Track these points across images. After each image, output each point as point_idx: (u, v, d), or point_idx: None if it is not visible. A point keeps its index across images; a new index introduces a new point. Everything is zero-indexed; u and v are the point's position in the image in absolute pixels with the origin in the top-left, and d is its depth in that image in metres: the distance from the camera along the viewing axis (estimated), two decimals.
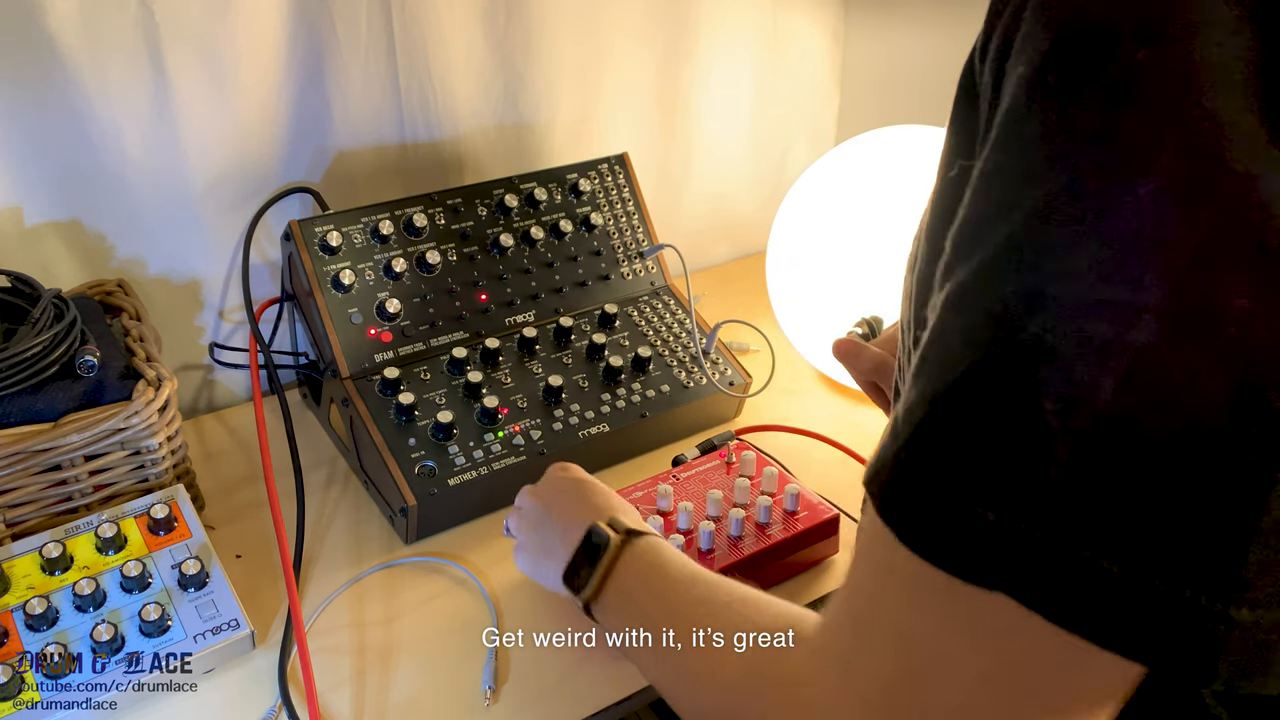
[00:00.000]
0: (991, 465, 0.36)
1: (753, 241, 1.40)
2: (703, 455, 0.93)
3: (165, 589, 0.78)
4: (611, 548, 0.64)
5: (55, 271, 0.97)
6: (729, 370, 1.03)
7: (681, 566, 0.61)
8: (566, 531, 0.70)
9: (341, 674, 0.77)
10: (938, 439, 0.38)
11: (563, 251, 1.04)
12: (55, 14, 0.86)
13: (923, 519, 0.38)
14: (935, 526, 0.37)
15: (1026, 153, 0.37)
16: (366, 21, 1.01)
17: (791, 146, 1.41)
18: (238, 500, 0.94)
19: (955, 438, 0.37)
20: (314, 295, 0.92)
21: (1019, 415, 0.35)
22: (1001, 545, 0.35)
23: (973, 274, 0.39)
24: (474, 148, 1.14)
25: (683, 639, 0.55)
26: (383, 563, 0.87)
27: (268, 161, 1.03)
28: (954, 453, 0.37)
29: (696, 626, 0.54)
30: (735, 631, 0.51)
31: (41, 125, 0.90)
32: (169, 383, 0.84)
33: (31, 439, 0.78)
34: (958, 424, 0.37)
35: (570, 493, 0.74)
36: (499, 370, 0.96)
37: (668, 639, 0.56)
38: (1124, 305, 0.34)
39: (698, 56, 1.26)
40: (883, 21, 1.35)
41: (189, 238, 1.02)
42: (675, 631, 0.56)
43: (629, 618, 0.62)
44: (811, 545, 0.85)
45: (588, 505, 0.72)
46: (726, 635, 0.52)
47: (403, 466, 0.87)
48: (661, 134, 1.29)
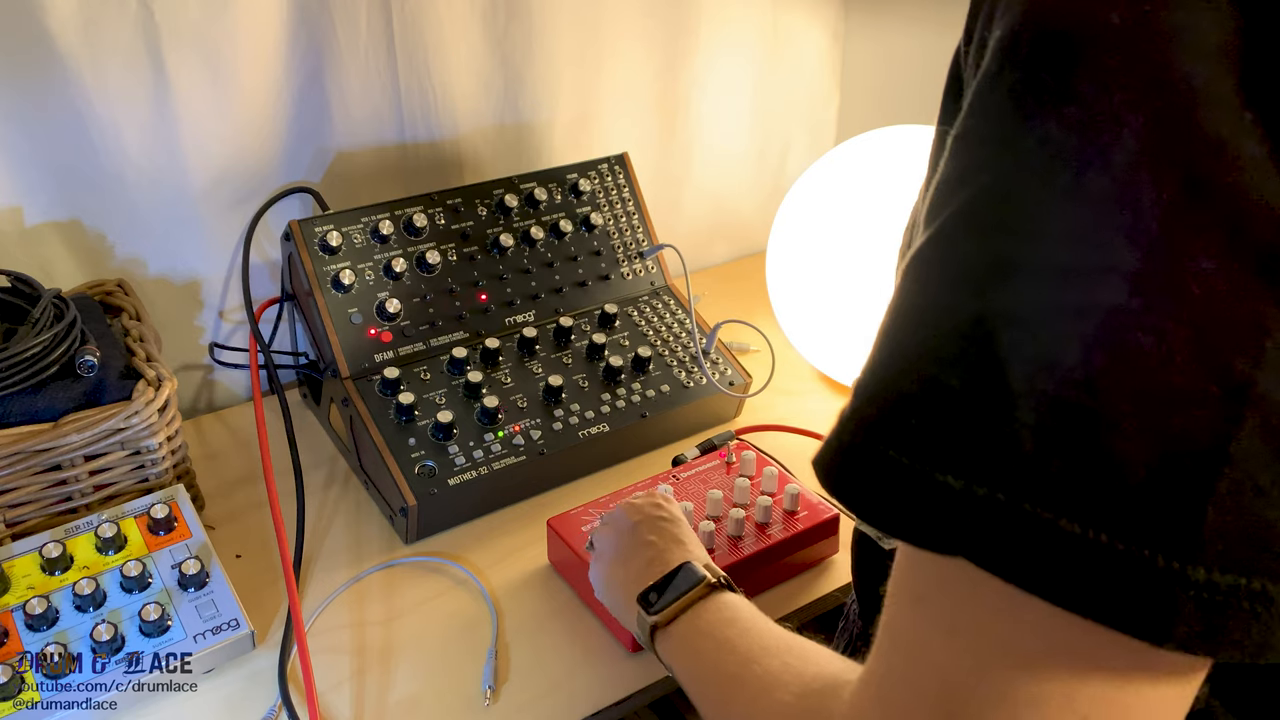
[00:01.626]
0: (953, 431, 0.35)
1: (753, 241, 1.40)
2: (703, 455, 0.93)
3: (165, 589, 0.78)
4: (701, 587, 0.64)
5: (55, 271, 0.97)
6: (729, 370, 1.03)
7: (759, 621, 0.61)
8: (654, 557, 0.69)
9: (341, 674, 0.77)
10: (894, 407, 0.37)
11: (563, 251, 1.04)
12: (55, 14, 0.86)
13: (879, 490, 0.37)
14: (893, 496, 0.37)
15: (997, 116, 0.37)
16: (366, 21, 1.01)
17: (791, 146, 1.41)
18: (238, 500, 0.94)
19: (913, 405, 0.36)
20: (314, 295, 0.92)
21: (982, 380, 0.35)
22: (963, 510, 0.35)
23: (933, 238, 0.38)
24: (474, 148, 1.14)
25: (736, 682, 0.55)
26: (383, 563, 0.87)
27: (268, 161, 1.03)
28: (912, 420, 0.36)
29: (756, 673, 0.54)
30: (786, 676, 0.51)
31: (41, 125, 0.90)
32: (169, 383, 0.84)
33: (31, 439, 0.78)
34: (916, 392, 0.36)
35: (666, 523, 0.73)
36: (499, 370, 0.96)
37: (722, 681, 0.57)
38: (1093, 268, 0.33)
39: (698, 56, 1.26)
40: (883, 21, 1.34)
41: (189, 238, 1.02)
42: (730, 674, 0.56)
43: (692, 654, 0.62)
44: (811, 545, 0.85)
45: (680, 545, 0.71)
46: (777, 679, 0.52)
47: (403, 466, 0.87)
48: (661, 134, 1.29)
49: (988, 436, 0.34)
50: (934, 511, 0.35)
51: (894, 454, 0.36)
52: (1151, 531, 0.32)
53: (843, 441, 0.38)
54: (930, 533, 0.36)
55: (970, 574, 0.35)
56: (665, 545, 0.70)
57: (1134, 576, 0.32)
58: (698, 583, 0.64)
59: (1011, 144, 0.36)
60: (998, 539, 0.34)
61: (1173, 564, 0.32)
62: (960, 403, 0.35)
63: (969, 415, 0.35)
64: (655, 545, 0.70)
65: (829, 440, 0.39)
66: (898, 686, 0.39)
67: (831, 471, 0.39)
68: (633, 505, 0.76)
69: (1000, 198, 0.36)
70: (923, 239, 0.39)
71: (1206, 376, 0.32)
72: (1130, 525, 0.32)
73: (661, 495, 0.77)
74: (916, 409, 0.36)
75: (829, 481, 0.39)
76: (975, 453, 0.35)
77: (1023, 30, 0.36)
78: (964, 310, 0.36)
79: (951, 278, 0.37)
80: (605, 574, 0.73)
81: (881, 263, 1.00)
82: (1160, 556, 0.32)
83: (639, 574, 0.68)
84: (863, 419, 0.38)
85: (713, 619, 0.62)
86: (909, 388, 0.37)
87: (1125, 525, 0.32)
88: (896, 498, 0.36)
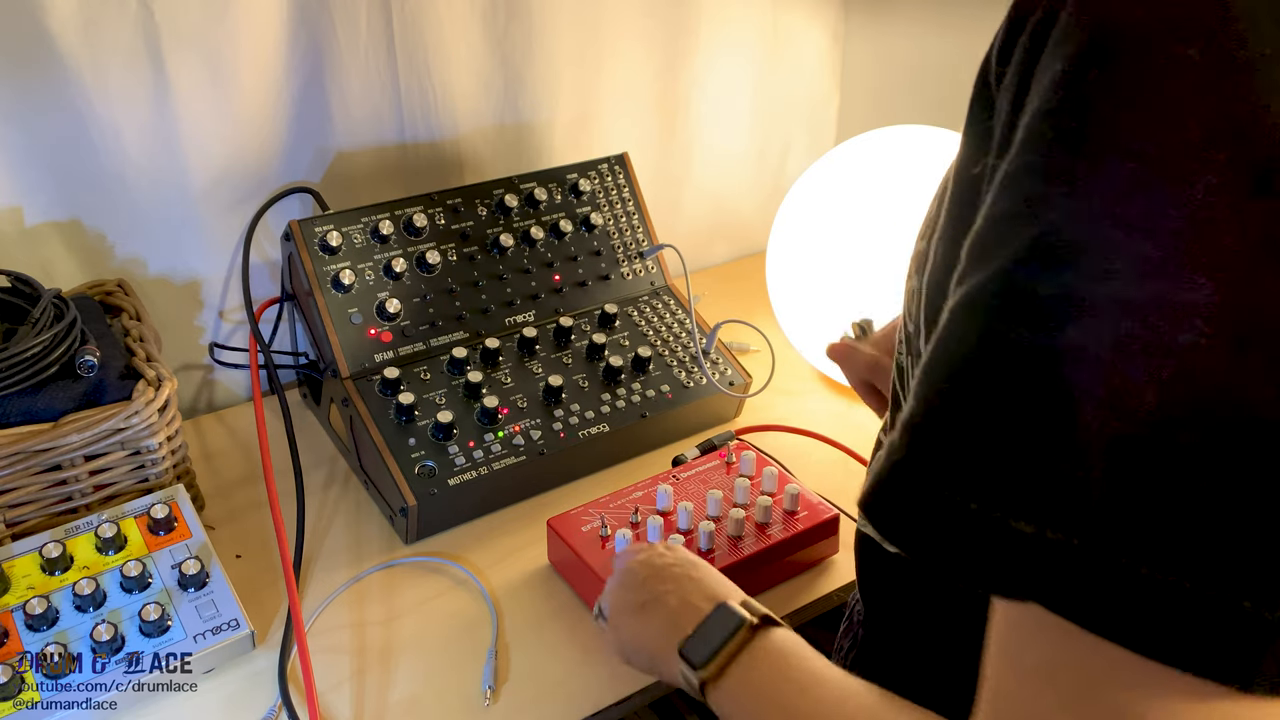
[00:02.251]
0: (1024, 474, 0.34)
1: (753, 241, 1.40)
2: (703, 455, 0.93)
3: (165, 589, 0.78)
4: (743, 631, 0.59)
5: (55, 271, 0.97)
6: (729, 370, 1.03)
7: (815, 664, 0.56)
8: (678, 608, 0.64)
9: (341, 674, 0.77)
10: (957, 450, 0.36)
11: (563, 251, 1.04)
12: (55, 14, 0.86)
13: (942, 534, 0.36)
14: (960, 541, 0.35)
15: (1061, 151, 0.36)
16: (366, 21, 1.01)
17: (791, 146, 1.41)
18: (238, 500, 0.94)
19: (979, 448, 0.35)
20: (314, 295, 0.92)
21: (1052, 421, 0.34)
22: (1038, 556, 0.34)
23: (994, 276, 0.37)
24: (474, 148, 1.14)
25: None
26: (383, 563, 0.87)
27: (268, 161, 1.03)
28: (978, 463, 0.35)
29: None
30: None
31: (41, 125, 0.90)
32: (169, 383, 0.84)
33: (31, 439, 0.78)
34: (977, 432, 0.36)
35: (679, 571, 0.68)
36: (499, 370, 0.96)
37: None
38: (1170, 306, 0.33)
39: (698, 56, 1.26)
40: (883, 21, 1.34)
41: (189, 238, 1.02)
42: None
43: (751, 708, 0.57)
44: (811, 545, 0.85)
45: (701, 585, 0.65)
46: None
47: (403, 466, 0.87)
48: (661, 134, 1.29)
49: (1059, 480, 0.34)
50: (1007, 557, 0.34)
51: (960, 498, 0.35)
52: (1236, 577, 0.32)
53: (898, 482, 0.37)
54: (1003, 579, 0.35)
55: (1054, 621, 0.34)
56: (684, 588, 0.65)
57: (1220, 622, 0.32)
58: (738, 626, 0.59)
59: (1078, 181, 0.35)
60: (1073, 585, 0.33)
61: (1263, 612, 0.32)
62: (1030, 445, 0.34)
63: (1039, 458, 0.34)
64: (674, 592, 0.65)
65: (880, 480, 0.38)
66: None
67: (885, 513, 0.38)
68: (634, 561, 0.70)
69: (1068, 236, 0.35)
70: (981, 276, 0.38)
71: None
72: (1213, 571, 0.32)
73: (661, 544, 0.73)
74: (983, 452, 0.35)
75: (881, 522, 0.38)
76: (1047, 497, 0.34)
77: (1086, 64, 0.35)
78: (1031, 350, 0.35)
79: (1017, 316, 0.36)
80: (628, 635, 0.67)
81: (882, 263, 1.00)
82: (1248, 602, 0.32)
83: (667, 626, 0.63)
84: (921, 460, 0.37)
85: (766, 673, 0.57)
86: (973, 429, 0.36)
87: (1207, 571, 0.32)
88: (964, 543, 0.35)
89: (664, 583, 0.66)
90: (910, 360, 0.55)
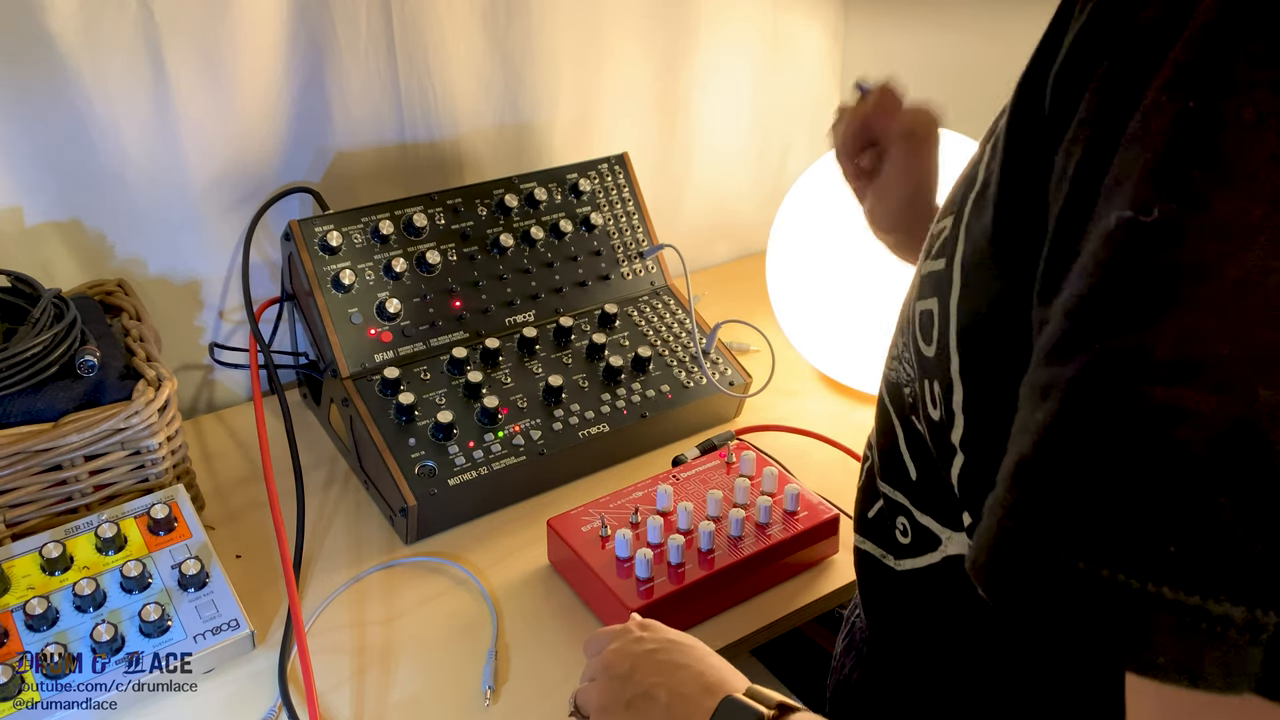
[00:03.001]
0: (1237, 559, 0.31)
1: (753, 241, 1.40)
2: (703, 455, 0.93)
3: (165, 589, 0.78)
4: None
5: (55, 271, 0.97)
6: (729, 370, 1.03)
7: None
8: (670, 703, 0.57)
9: (341, 674, 0.77)
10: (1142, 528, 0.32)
11: (563, 251, 1.04)
12: (55, 14, 0.86)
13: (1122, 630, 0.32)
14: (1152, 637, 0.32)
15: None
16: (366, 21, 1.01)
17: (791, 146, 1.41)
18: (238, 500, 0.94)
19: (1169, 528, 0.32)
20: (314, 295, 0.92)
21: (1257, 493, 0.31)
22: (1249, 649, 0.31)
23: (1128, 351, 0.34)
24: (474, 148, 1.14)
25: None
26: (383, 563, 0.87)
27: (268, 161, 1.03)
28: (1171, 547, 0.32)
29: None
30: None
31: (42, 125, 0.90)
32: (169, 383, 0.84)
33: (31, 439, 0.78)
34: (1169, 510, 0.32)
35: (661, 657, 0.61)
36: (499, 370, 0.96)
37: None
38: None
39: (698, 56, 1.26)
40: (883, 21, 1.34)
41: (189, 238, 1.02)
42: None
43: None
44: (811, 545, 0.85)
45: (688, 672, 0.59)
46: None
47: (403, 466, 0.87)
48: (661, 134, 1.29)
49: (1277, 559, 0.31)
50: (1215, 655, 0.31)
51: (1153, 588, 0.32)
52: None
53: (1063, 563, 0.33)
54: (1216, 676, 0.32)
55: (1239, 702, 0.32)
56: (674, 680, 0.58)
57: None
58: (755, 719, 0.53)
59: None
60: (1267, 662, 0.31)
61: None
62: (1234, 524, 0.31)
63: (1251, 538, 0.31)
64: (663, 685, 0.58)
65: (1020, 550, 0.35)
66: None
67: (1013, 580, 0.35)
68: (610, 653, 0.63)
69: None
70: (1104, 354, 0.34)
71: None
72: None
73: (634, 625, 0.65)
74: (1175, 532, 0.32)
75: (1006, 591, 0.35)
76: (1266, 581, 0.31)
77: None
78: (1221, 412, 0.32)
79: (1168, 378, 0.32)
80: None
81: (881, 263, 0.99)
82: None
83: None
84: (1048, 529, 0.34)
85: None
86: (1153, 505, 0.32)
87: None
88: (1157, 639, 0.32)
89: (649, 675, 0.60)
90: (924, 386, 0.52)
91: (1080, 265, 0.36)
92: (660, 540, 0.82)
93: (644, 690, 0.59)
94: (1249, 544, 0.31)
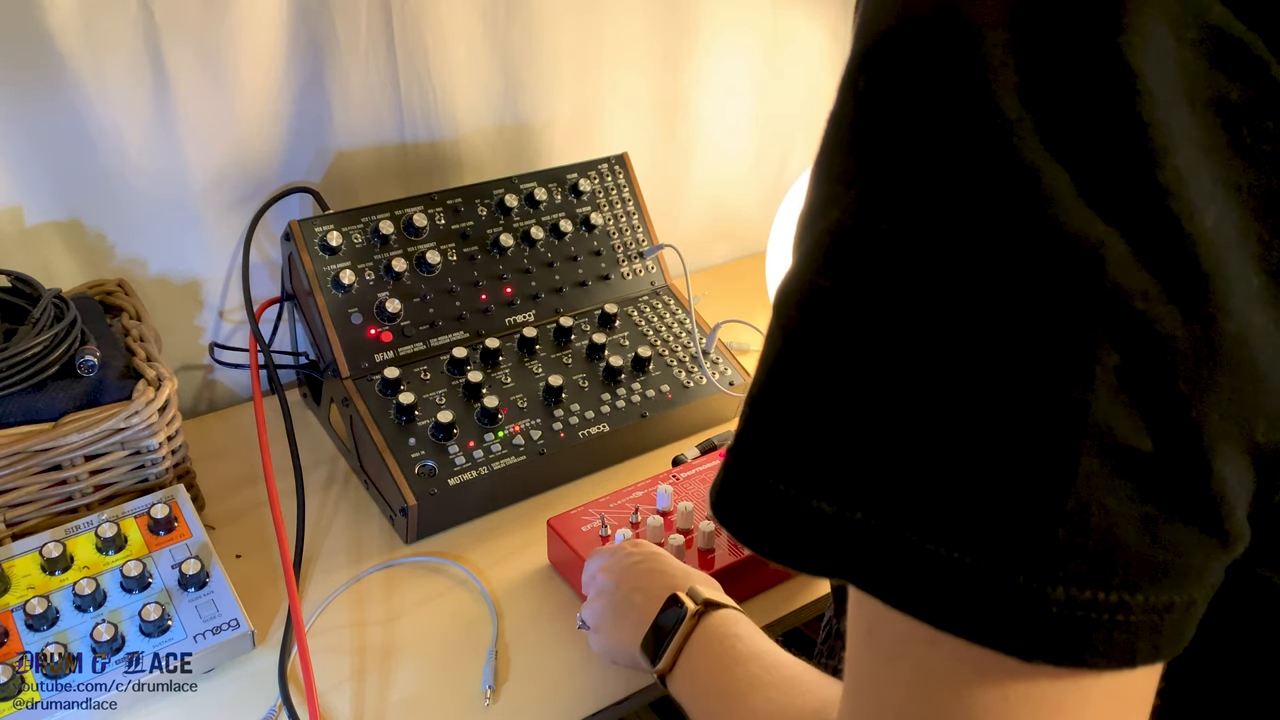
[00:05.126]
0: (821, 454, 0.36)
1: (753, 241, 1.40)
2: (703, 455, 0.93)
3: (165, 589, 0.78)
4: (688, 619, 0.63)
5: (55, 271, 0.97)
6: (729, 370, 1.03)
7: (748, 643, 0.60)
8: (644, 605, 0.68)
9: (341, 674, 0.77)
10: (766, 434, 0.38)
11: (563, 251, 1.04)
12: (55, 14, 0.86)
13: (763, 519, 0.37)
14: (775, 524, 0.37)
15: None
16: (366, 22, 1.01)
17: (792, 146, 1.41)
18: (238, 500, 0.94)
19: (785, 431, 0.37)
20: (314, 295, 0.92)
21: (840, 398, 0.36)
22: (841, 535, 0.35)
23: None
24: (474, 148, 1.14)
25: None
26: (383, 563, 0.87)
27: (268, 161, 1.03)
28: (784, 446, 0.37)
29: (745, 710, 0.54)
30: (773, 710, 0.51)
31: (41, 125, 0.90)
32: (169, 383, 0.84)
33: (32, 439, 0.78)
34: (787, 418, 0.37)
35: (644, 567, 0.72)
36: (499, 370, 0.96)
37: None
38: None
39: (698, 56, 1.26)
40: None
41: (189, 238, 1.02)
42: (719, 716, 0.56)
43: (694, 693, 0.61)
44: None
45: (663, 577, 0.69)
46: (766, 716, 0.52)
47: (403, 466, 0.87)
48: (661, 134, 1.29)
49: (854, 459, 0.35)
50: (818, 538, 0.36)
51: (771, 482, 0.37)
52: (1011, 552, 0.33)
53: (730, 477, 0.39)
54: (816, 559, 0.36)
55: (862, 595, 0.36)
56: (649, 585, 0.69)
57: (997, 595, 0.33)
58: (681, 618, 0.63)
59: None
60: (874, 563, 0.35)
61: (1032, 583, 0.32)
62: (821, 424, 0.35)
63: (833, 438, 0.35)
64: (640, 589, 0.69)
65: (718, 478, 0.40)
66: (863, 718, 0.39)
67: (715, 501, 0.39)
68: (605, 567, 0.74)
69: None
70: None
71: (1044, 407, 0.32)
72: (991, 547, 0.33)
73: (628, 542, 0.76)
74: (791, 436, 0.37)
75: (714, 508, 0.40)
76: (845, 477, 0.35)
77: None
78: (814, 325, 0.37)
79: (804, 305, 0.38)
80: (610, 641, 0.71)
81: None
82: (1021, 576, 0.32)
83: (637, 625, 0.67)
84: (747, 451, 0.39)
85: (701, 658, 0.61)
86: (782, 414, 0.37)
87: (986, 547, 0.33)
88: (780, 528, 0.37)
89: (631, 581, 0.70)
90: None
91: None
92: (660, 540, 0.82)
93: (625, 596, 0.70)
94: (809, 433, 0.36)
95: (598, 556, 0.76)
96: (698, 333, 1.04)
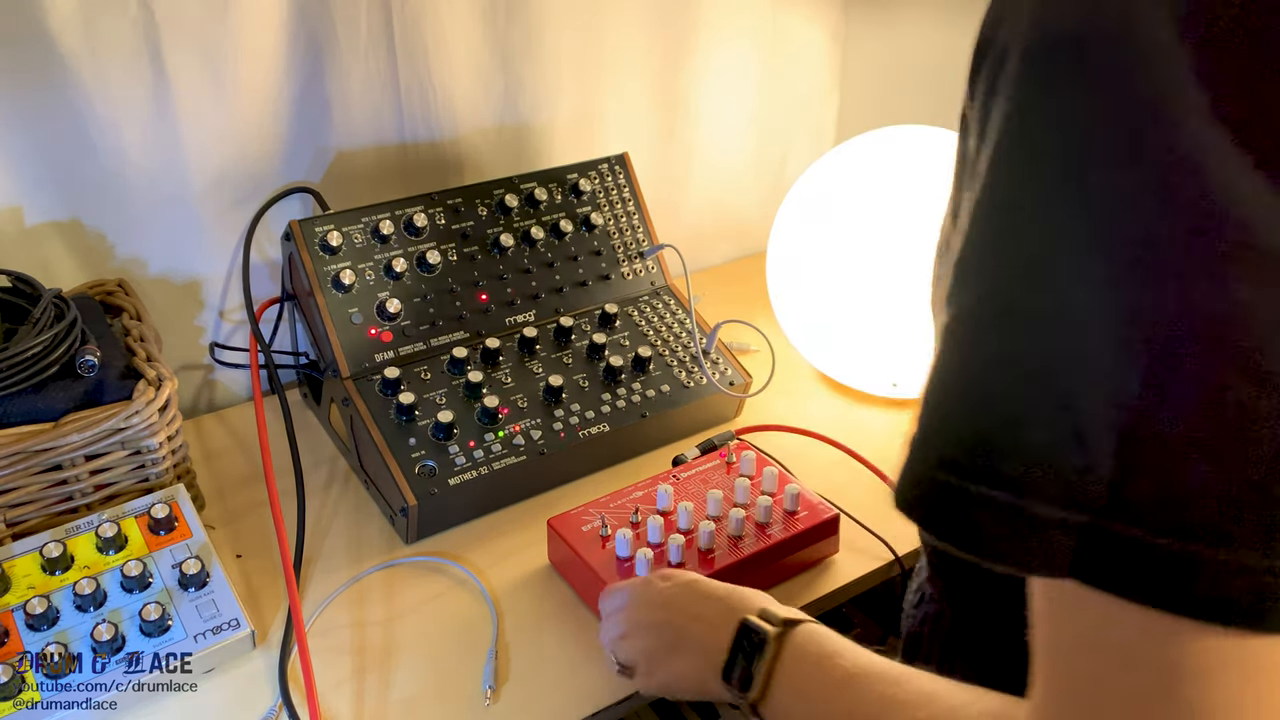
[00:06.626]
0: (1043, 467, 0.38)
1: (753, 241, 1.40)
2: (703, 455, 0.93)
3: (165, 589, 0.78)
4: (772, 642, 0.59)
5: (55, 271, 0.97)
6: (729, 370, 1.03)
7: (852, 658, 0.57)
8: (706, 633, 0.64)
9: (341, 674, 0.77)
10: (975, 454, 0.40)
11: (563, 251, 1.04)
12: (55, 14, 0.86)
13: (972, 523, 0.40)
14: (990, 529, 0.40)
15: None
16: (366, 21, 1.01)
17: (791, 146, 1.41)
18: (238, 500, 0.94)
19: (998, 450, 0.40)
20: (314, 295, 0.92)
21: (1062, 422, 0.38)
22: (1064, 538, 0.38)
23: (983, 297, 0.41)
24: (474, 148, 1.14)
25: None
26: (383, 563, 0.87)
27: (268, 161, 1.03)
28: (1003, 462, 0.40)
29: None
30: None
31: (42, 125, 0.90)
32: (169, 383, 0.84)
33: (32, 439, 0.78)
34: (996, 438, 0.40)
35: (689, 594, 0.68)
36: (499, 370, 0.96)
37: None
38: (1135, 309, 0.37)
39: (698, 56, 1.26)
40: (883, 21, 1.35)
41: (189, 238, 1.02)
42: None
43: (811, 717, 0.58)
44: (812, 545, 0.85)
45: (716, 602, 0.66)
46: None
47: (403, 466, 0.87)
48: (661, 134, 1.29)
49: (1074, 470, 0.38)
50: (1038, 542, 0.39)
51: (991, 492, 0.40)
52: (1244, 537, 0.36)
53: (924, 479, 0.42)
54: (1039, 560, 0.39)
55: (1088, 594, 0.38)
56: (708, 614, 0.65)
57: (1225, 575, 0.36)
58: (763, 640, 0.60)
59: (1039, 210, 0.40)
60: (1101, 560, 0.38)
61: (1266, 561, 0.36)
62: (1043, 443, 0.39)
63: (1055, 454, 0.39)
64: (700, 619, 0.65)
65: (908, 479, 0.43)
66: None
67: (918, 507, 0.42)
68: (639, 602, 0.70)
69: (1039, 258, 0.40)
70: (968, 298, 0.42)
71: None
72: (1221, 535, 0.36)
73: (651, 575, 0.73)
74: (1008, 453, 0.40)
75: (921, 516, 0.42)
76: (1067, 486, 0.38)
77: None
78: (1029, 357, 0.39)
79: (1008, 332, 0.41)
80: (669, 679, 0.68)
81: (882, 263, 1.00)
82: (1253, 557, 0.36)
83: (702, 658, 0.64)
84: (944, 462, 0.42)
85: (804, 680, 0.58)
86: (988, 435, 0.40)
87: (1216, 535, 0.36)
88: (996, 532, 0.40)
89: (684, 610, 0.67)
90: None
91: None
92: (660, 540, 0.82)
93: (680, 627, 0.67)
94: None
95: (618, 592, 0.73)
96: (698, 333, 1.04)
